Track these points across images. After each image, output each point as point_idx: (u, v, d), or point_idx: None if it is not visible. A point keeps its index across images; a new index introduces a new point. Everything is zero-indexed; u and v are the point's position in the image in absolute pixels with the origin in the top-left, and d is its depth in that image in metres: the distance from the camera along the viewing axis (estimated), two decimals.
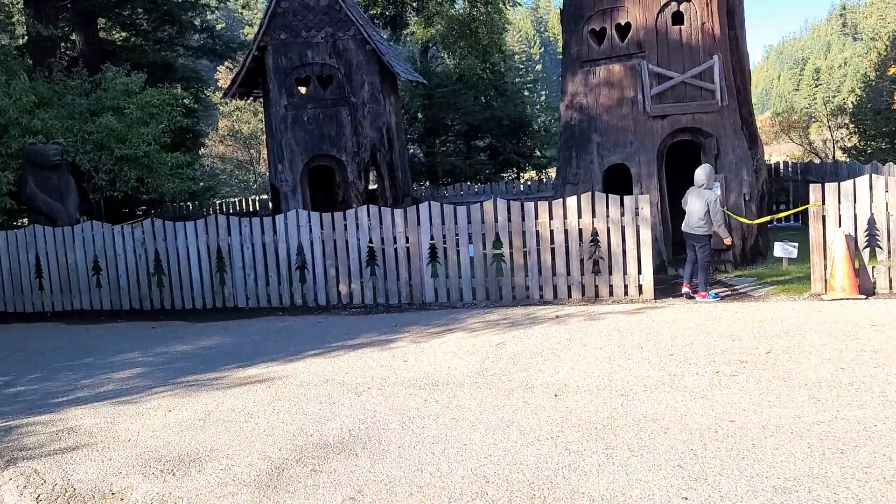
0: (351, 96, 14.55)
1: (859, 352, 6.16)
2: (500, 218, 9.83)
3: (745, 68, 11.82)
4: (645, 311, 8.57)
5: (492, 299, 9.94)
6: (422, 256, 10.14)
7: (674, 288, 10.14)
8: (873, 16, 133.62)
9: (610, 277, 9.52)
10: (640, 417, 5.04)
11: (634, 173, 11.31)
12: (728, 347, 6.64)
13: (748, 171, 11.23)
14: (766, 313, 7.97)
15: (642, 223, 9.34)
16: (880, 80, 33.25)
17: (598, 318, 8.37)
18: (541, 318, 8.62)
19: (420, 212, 10.14)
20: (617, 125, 11.44)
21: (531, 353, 7.03)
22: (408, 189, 16.05)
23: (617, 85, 11.45)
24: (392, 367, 6.90)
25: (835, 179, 14.28)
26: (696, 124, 11.17)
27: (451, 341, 7.80)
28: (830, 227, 8.67)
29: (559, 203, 9.65)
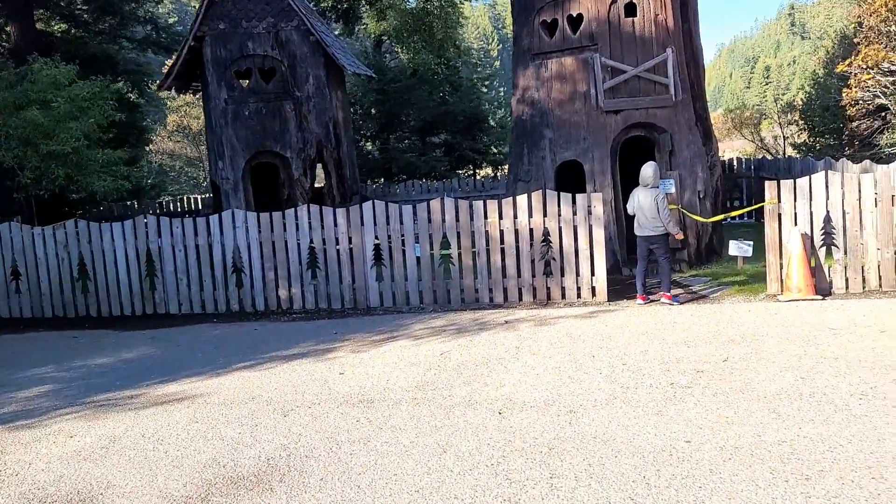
0: (295, 90, 13.92)
1: (819, 359, 5.84)
2: (448, 217, 9.35)
3: (699, 62, 11.55)
4: (598, 315, 8.18)
5: (440, 303, 9.47)
6: (366, 258, 9.61)
7: (628, 289, 9.79)
8: (820, 15, 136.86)
9: (562, 279, 9.12)
10: (588, 438, 4.60)
11: (588, 170, 10.94)
12: (683, 355, 6.27)
13: (703, 168, 10.95)
14: (722, 316, 7.64)
15: (595, 222, 8.95)
16: (828, 77, 33.71)
17: (549, 324, 7.95)
18: (489, 324, 8.17)
19: (364, 211, 9.60)
20: (569, 120, 11.06)
21: (477, 363, 6.57)
22: (356, 187, 15.48)
23: (569, 79, 11.06)
24: (326, 382, 6.37)
25: (788, 176, 14.16)
26: (649, 119, 10.84)
27: (393, 351, 7.29)
28: (786, 225, 8.39)
29: (509, 202, 9.21)
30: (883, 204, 8.12)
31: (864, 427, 4.39)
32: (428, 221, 9.41)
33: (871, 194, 8.14)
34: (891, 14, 26.87)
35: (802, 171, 13.31)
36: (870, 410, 4.64)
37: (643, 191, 8.68)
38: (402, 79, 27.56)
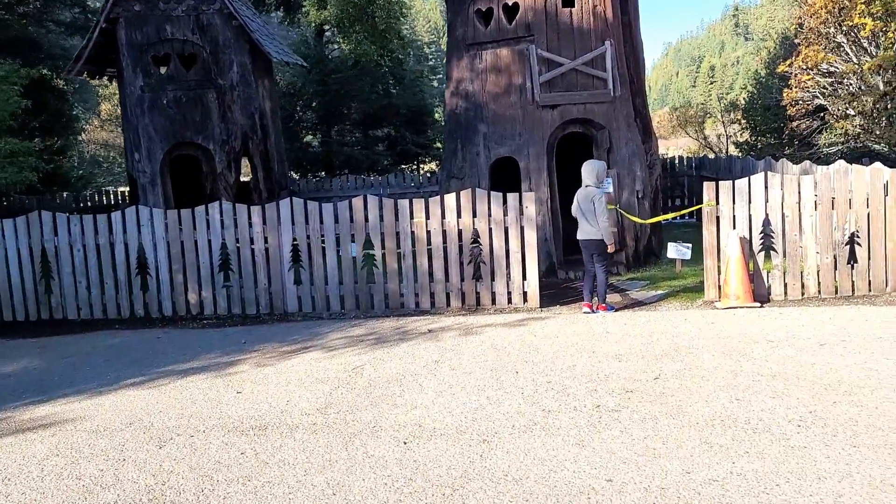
0: (218, 78, 13.06)
1: (755, 376, 5.40)
2: (372, 217, 8.71)
3: (639, 57, 11.14)
4: (527, 324, 7.65)
5: (363, 309, 8.83)
6: (283, 260, 8.91)
7: (564, 293, 9.32)
8: (763, 17, 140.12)
9: (492, 284, 8.58)
10: (500, 475, 4.04)
11: (523, 167, 10.43)
12: (613, 371, 5.77)
13: (641, 167, 10.55)
14: (656, 326, 7.19)
15: (527, 223, 8.43)
16: (770, 77, 34.13)
17: (474, 333, 7.39)
18: (411, 333, 7.57)
19: (281, 209, 8.89)
20: (505, 115, 10.52)
21: (390, 380, 5.96)
22: (285, 181, 14.69)
23: (505, 71, 10.52)
24: (219, 403, 5.68)
25: (729, 175, 13.92)
26: (587, 115, 10.38)
27: (301, 364, 6.63)
28: (724, 228, 8.00)
29: (436, 201, 8.62)
30: (823, 207, 7.79)
31: (802, 462, 3.93)
32: (350, 221, 8.76)
33: (811, 197, 7.81)
34: (830, 16, 27.21)
35: (743, 171, 13.08)
36: (809, 441, 4.19)
37: (582, 190, 8.15)
38: (343, 70, 26.72)
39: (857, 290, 7.81)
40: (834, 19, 26.99)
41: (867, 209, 7.70)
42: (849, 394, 4.89)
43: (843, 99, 27.14)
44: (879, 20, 24.66)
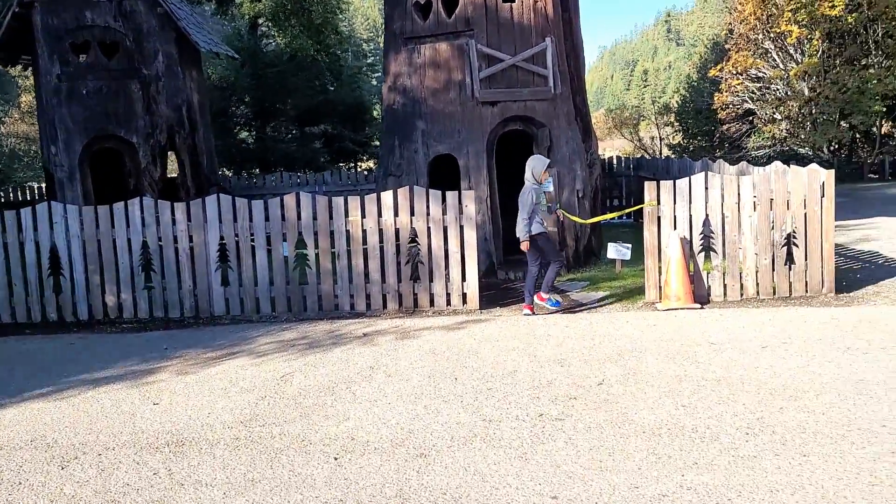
0: (142, 67, 12.39)
1: (701, 381, 5.26)
2: (304, 215, 8.31)
3: (579, 55, 11.02)
4: (467, 326, 7.39)
5: (295, 311, 8.41)
6: (209, 260, 8.41)
7: (504, 294, 9.11)
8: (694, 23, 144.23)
9: (431, 285, 8.29)
10: (439, 494, 3.75)
11: (462, 165, 10.17)
12: (556, 377, 5.55)
13: (582, 166, 10.43)
14: (598, 328, 7.02)
15: (467, 223, 8.17)
16: (702, 81, 34.95)
17: (412, 336, 7.08)
18: (346, 337, 7.21)
19: (207, 206, 8.39)
20: (444, 111, 10.24)
21: (322, 388, 5.60)
22: (214, 178, 14.07)
23: (444, 66, 10.24)
24: (134, 416, 5.22)
25: (667, 176, 13.99)
26: (528, 113, 10.19)
27: (227, 372, 6.20)
28: (665, 228, 7.91)
29: (373, 199, 8.27)
30: (762, 208, 7.77)
31: (753, 474, 3.76)
32: (282, 219, 8.33)
33: (750, 198, 7.78)
34: (759, 23, 27.96)
35: (680, 172, 13.14)
36: (758, 450, 4.03)
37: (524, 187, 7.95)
38: (278, 64, 26.02)
39: (795, 291, 7.83)
40: (762, 26, 27.77)
41: (804, 210, 7.72)
42: (794, 399, 4.78)
43: (770, 104, 27.96)
44: (805, 28, 25.47)
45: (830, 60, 25.44)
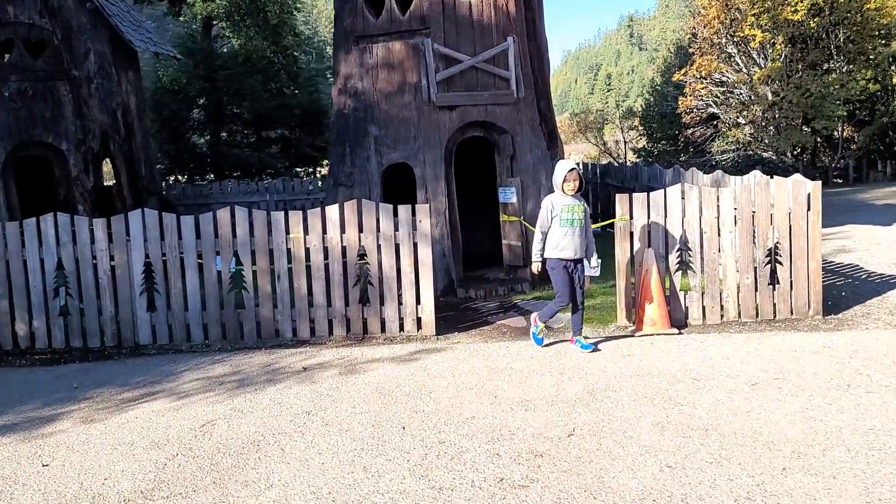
0: (72, 68, 11.37)
1: (686, 430, 4.54)
2: (240, 231, 7.44)
3: (543, 55, 10.32)
4: (420, 358, 6.59)
5: (230, 339, 7.53)
6: (134, 282, 7.49)
7: (463, 316, 8.34)
8: (656, 28, 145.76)
9: (382, 309, 7.48)
10: None
11: (419, 175, 9.39)
12: (519, 425, 4.79)
13: (547, 175, 9.71)
14: (567, 360, 6.28)
15: (421, 240, 7.38)
16: (665, 85, 34.74)
17: (358, 371, 6.27)
18: (283, 372, 6.37)
19: (130, 222, 7.47)
20: (398, 116, 9.45)
21: (246, 442, 4.76)
22: (155, 187, 13.06)
23: (398, 67, 9.45)
24: (14, 482, 4.32)
25: (635, 183, 13.39)
26: (489, 118, 9.45)
27: (139, 419, 5.32)
28: (638, 245, 7.22)
29: (317, 214, 7.44)
30: (743, 222, 7.12)
31: None
32: (214, 236, 7.45)
33: (730, 211, 7.13)
34: (722, 27, 27.73)
35: (651, 180, 12.54)
36: None
37: None
38: (232, 66, 24.94)
39: (779, 314, 7.19)
40: (726, 30, 27.55)
41: (789, 224, 7.09)
42: (798, 456, 4.08)
43: (734, 108, 27.75)
44: (768, 32, 25.30)
45: (793, 65, 25.32)
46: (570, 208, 6.42)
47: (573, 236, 6.40)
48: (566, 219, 6.40)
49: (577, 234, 6.40)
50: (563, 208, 6.42)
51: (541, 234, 6.52)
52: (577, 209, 6.44)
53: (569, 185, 6.43)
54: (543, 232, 6.51)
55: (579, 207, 6.47)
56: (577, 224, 6.40)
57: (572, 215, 6.41)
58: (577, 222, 6.41)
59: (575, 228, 6.39)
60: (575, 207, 6.43)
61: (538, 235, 6.51)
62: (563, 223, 6.40)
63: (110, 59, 11.62)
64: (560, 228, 6.41)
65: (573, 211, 6.42)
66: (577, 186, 6.44)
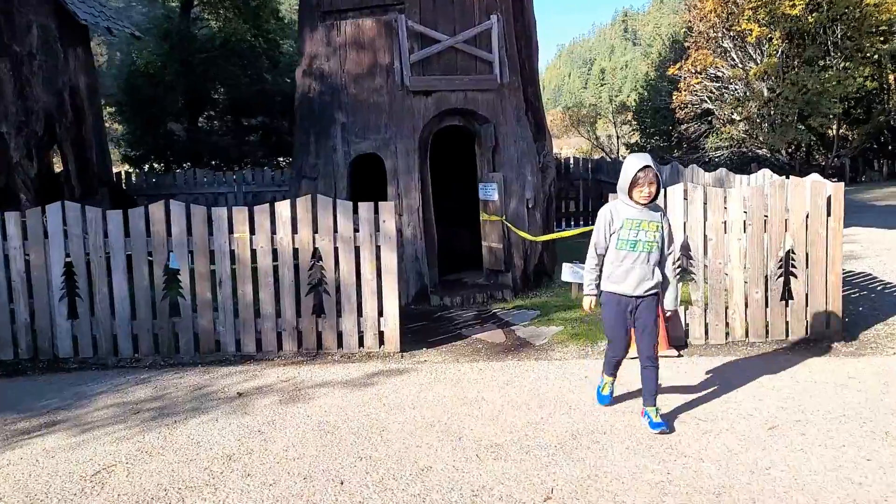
0: (12, 44, 10.29)
1: (692, 494, 3.62)
2: (176, 229, 6.45)
3: (531, 38, 9.36)
4: (378, 382, 5.64)
5: (164, 352, 6.55)
6: (53, 286, 6.49)
7: (435, 327, 7.40)
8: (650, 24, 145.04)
9: (339, 321, 6.52)
10: None
11: (389, 167, 8.42)
12: (485, 483, 3.85)
13: (533, 170, 8.78)
14: (548, 388, 5.35)
15: (385, 242, 6.41)
16: (660, 80, 33.93)
17: (302, 399, 5.31)
18: (214, 398, 5.40)
19: (49, 217, 6.46)
20: (368, 101, 8.47)
21: (141, 500, 3.80)
22: (107, 175, 12.01)
23: (369, 47, 8.47)
24: None
25: None
26: (469, 105, 8.49)
27: (22, 462, 4.35)
28: None
29: (265, 211, 6.46)
30: (753, 228, 6.19)
31: None
32: (147, 235, 6.46)
33: (739, 215, 6.20)
34: (719, 20, 26.86)
35: None
36: None
37: None
38: (209, 49, 23.83)
39: (792, 333, 6.28)
40: (722, 24, 26.71)
41: (806, 232, 6.17)
42: None
43: (729, 104, 26.92)
44: (765, 27, 24.47)
45: (790, 61, 24.56)
46: (635, 224, 4.40)
47: (633, 263, 4.42)
48: (627, 239, 4.42)
49: (641, 261, 4.41)
50: (626, 223, 4.43)
51: (595, 255, 4.62)
52: (649, 227, 4.40)
53: (640, 190, 4.38)
54: (599, 254, 4.59)
55: (653, 225, 4.41)
56: (642, 248, 4.40)
57: (637, 235, 4.40)
58: (644, 246, 4.40)
59: (637, 254, 4.41)
60: (644, 224, 4.40)
61: (591, 257, 4.65)
62: (621, 245, 4.44)
63: (56, 34, 10.56)
64: (616, 252, 4.47)
65: (640, 229, 4.39)
66: (652, 193, 4.38)
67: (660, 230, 4.45)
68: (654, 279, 4.47)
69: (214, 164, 24.60)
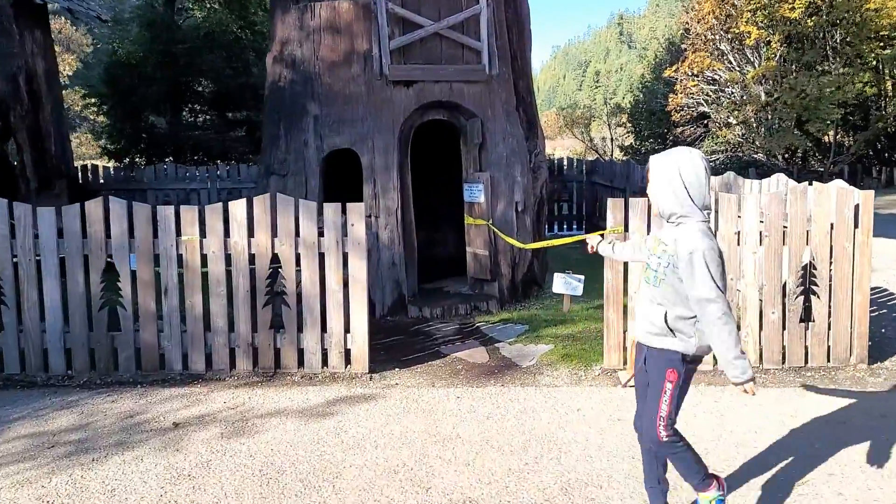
0: None
1: None
2: (117, 230, 5.67)
3: (524, 26, 8.62)
4: (338, 411, 4.88)
5: (102, 369, 5.77)
6: None
7: (411, 342, 6.66)
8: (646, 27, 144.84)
9: (300, 337, 5.75)
10: None
11: (366, 164, 7.66)
12: None
13: (523, 170, 8.04)
14: (535, 423, 4.60)
15: (354, 249, 5.66)
16: (655, 81, 33.36)
17: (249, 432, 4.55)
18: (146, 429, 4.63)
19: None
20: (343, 91, 7.71)
21: None
22: (67, 167, 11.18)
23: (345, 31, 7.71)
24: None
25: (626, 183, 11.71)
26: (454, 98, 7.74)
27: None
28: (636, 267, 5.55)
29: (217, 211, 5.68)
30: (770, 240, 5.47)
31: None
32: (82, 236, 5.68)
33: (754, 226, 5.48)
34: (717, 22, 26.25)
35: (644, 180, 10.87)
36: None
37: None
38: (192, 39, 22.98)
39: (812, 359, 5.56)
40: (721, 26, 26.11)
41: (830, 245, 5.45)
42: None
43: (725, 108, 26.32)
44: (763, 29, 23.88)
45: (788, 65, 24.02)
46: (654, 247, 3.19)
47: (643, 298, 3.24)
48: (647, 266, 3.24)
49: (649, 296, 3.18)
50: (651, 245, 3.25)
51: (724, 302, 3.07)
52: (662, 251, 3.10)
53: None
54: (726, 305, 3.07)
55: (666, 250, 3.08)
56: (651, 279, 3.17)
57: (650, 259, 3.21)
58: (652, 276, 3.16)
59: (649, 287, 3.18)
60: (655, 248, 3.17)
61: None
62: (645, 274, 3.26)
63: (10, 13, 9.75)
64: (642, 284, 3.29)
65: (655, 252, 3.17)
66: None
67: (671, 258, 3.05)
68: (659, 318, 3.10)
69: (197, 159, 23.82)
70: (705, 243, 2.94)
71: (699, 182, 3.00)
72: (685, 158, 3.05)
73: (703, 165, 3.03)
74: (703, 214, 3.02)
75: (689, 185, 3.00)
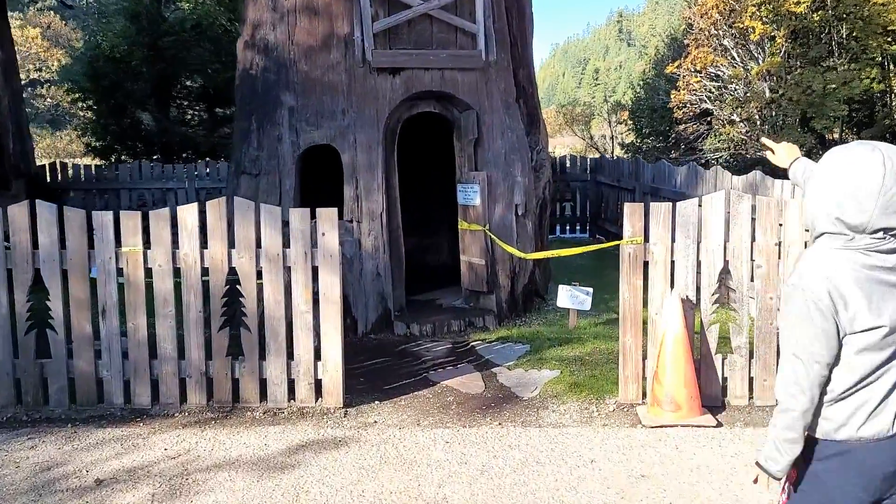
0: None
1: None
2: (45, 239, 4.81)
3: (525, 9, 7.76)
4: (302, 462, 4.02)
5: (30, 403, 4.91)
6: None
7: (397, 366, 5.81)
8: (645, 25, 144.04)
9: (262, 365, 4.89)
10: None
11: (347, 162, 6.80)
12: None
13: (524, 169, 7.18)
14: (538, 481, 3.75)
15: (325, 262, 4.80)
16: (657, 78, 32.59)
17: (187, 493, 3.69)
18: (62, 486, 3.77)
19: None
20: (322, 80, 6.84)
21: None
22: (27, 165, 10.31)
23: (323, 12, 6.85)
24: None
25: (635, 183, 10.85)
26: (446, 87, 6.88)
27: None
28: (657, 283, 4.70)
29: (163, 216, 4.82)
30: None
31: None
32: (3, 247, 4.82)
33: (798, 235, 4.63)
34: (721, 17, 25.44)
35: (655, 179, 10.01)
36: None
37: None
38: (176, 32, 22.11)
39: None
40: (724, 20, 25.31)
41: None
42: None
43: (729, 105, 25.53)
44: (768, 24, 23.10)
45: (793, 61, 23.26)
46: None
47: None
48: None
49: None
50: None
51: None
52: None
53: None
54: None
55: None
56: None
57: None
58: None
59: None
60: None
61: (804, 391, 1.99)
62: None
63: None
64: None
65: None
66: None
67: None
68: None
69: (186, 156, 22.98)
70: None
71: None
72: None
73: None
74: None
75: None
